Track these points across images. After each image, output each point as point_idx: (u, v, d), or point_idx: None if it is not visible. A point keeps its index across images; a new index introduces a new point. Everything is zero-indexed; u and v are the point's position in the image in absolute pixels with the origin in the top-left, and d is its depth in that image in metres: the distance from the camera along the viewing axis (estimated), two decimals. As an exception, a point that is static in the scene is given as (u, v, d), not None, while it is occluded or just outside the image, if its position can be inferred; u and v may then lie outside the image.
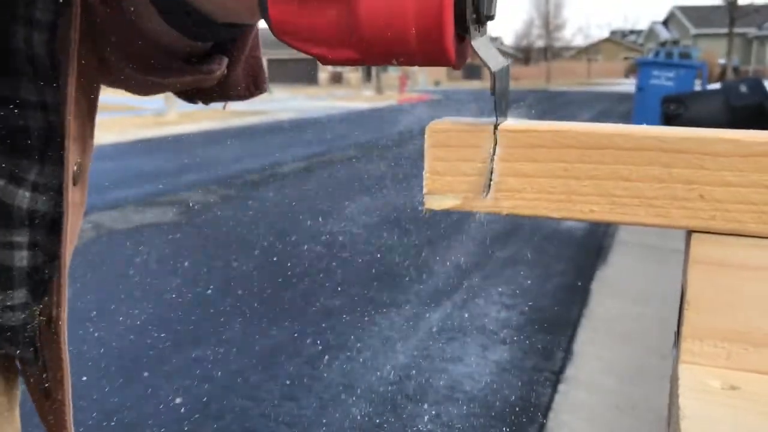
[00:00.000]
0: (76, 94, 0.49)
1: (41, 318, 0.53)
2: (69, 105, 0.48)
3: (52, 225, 0.52)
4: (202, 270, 4.11)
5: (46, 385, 0.56)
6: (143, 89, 0.58)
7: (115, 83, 0.56)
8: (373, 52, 0.40)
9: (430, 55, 0.39)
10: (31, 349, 0.55)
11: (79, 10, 0.47)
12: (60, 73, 0.48)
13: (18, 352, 0.56)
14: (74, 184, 0.52)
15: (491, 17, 0.40)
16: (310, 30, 0.40)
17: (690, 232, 0.33)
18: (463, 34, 0.39)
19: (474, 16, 0.39)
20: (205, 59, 0.56)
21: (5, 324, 0.54)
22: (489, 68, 0.39)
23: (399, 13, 0.38)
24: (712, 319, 0.33)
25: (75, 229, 0.54)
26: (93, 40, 0.50)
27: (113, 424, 2.29)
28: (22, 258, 0.51)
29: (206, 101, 0.62)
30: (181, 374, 2.66)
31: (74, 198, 0.52)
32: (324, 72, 44.18)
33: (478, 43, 0.40)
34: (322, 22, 0.40)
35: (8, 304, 0.52)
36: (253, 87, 0.62)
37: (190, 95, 0.62)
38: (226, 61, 0.57)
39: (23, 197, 0.50)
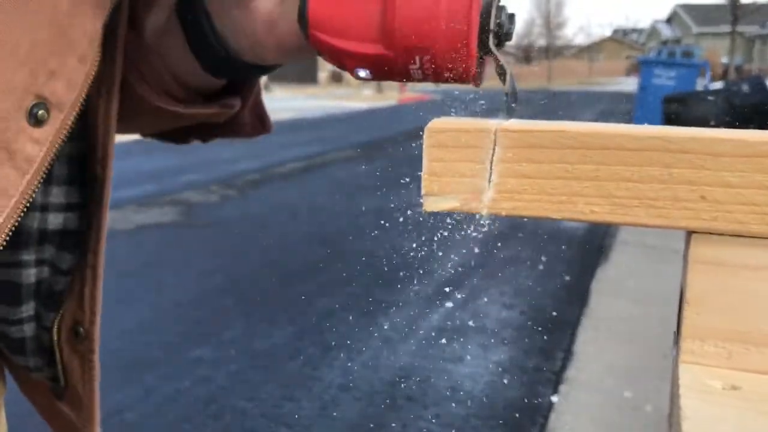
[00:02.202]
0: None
1: (62, 328, 0.53)
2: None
3: (61, 241, 0.52)
4: (201, 270, 4.11)
5: (64, 388, 0.56)
6: (156, 122, 0.58)
7: (132, 117, 0.55)
8: (401, 47, 0.41)
9: (454, 58, 0.41)
10: (39, 357, 0.55)
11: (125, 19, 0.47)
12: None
13: (24, 362, 0.56)
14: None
15: (509, 36, 0.41)
16: (344, 22, 0.41)
17: (690, 232, 0.33)
18: (484, 52, 0.41)
19: (496, 30, 0.40)
20: (217, 96, 0.56)
21: (10, 336, 0.54)
22: (506, 70, 0.41)
23: (432, 10, 0.40)
24: (713, 319, 0.33)
25: (98, 257, 0.53)
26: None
27: (113, 424, 2.29)
28: (29, 275, 0.52)
29: (206, 138, 0.62)
30: (181, 374, 2.66)
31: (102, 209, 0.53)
32: (324, 71, 44.18)
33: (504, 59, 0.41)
34: (358, 13, 0.41)
35: (13, 318, 0.53)
36: (260, 126, 0.62)
37: (188, 133, 0.61)
38: (239, 100, 0.57)
39: (32, 218, 0.51)
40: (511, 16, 0.42)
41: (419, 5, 0.40)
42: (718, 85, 10.51)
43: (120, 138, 0.54)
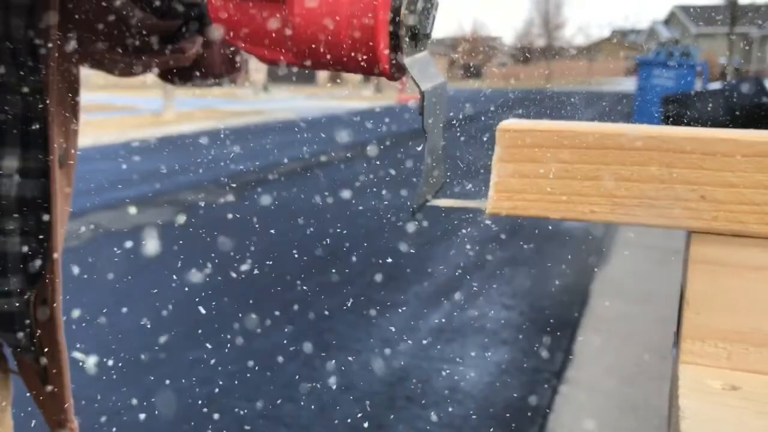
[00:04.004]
0: (56, 77, 0.49)
1: (36, 304, 0.54)
2: (50, 88, 0.48)
3: (41, 210, 0.52)
4: (200, 270, 4.10)
5: (44, 370, 0.57)
6: (123, 70, 0.60)
7: (95, 65, 0.57)
8: (307, 57, 0.41)
9: (364, 65, 0.40)
10: (25, 335, 0.55)
11: None
12: (39, 57, 0.48)
13: (13, 338, 0.56)
14: (60, 167, 0.52)
15: (428, 35, 0.41)
16: (249, 30, 0.42)
17: (690, 232, 0.33)
18: (396, 52, 0.41)
19: (409, 33, 0.40)
20: (178, 39, 0.57)
21: (1, 309, 0.54)
22: (419, 87, 0.40)
23: (333, 21, 0.39)
24: (713, 319, 0.33)
25: (64, 213, 0.54)
26: (68, 20, 0.51)
27: (112, 424, 2.28)
28: (15, 244, 0.52)
29: (185, 81, 0.64)
30: (180, 375, 2.66)
31: (61, 182, 0.52)
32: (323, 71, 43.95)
33: (412, 61, 0.41)
34: (259, 23, 0.41)
35: (5, 289, 0.52)
36: (230, 66, 0.64)
37: (169, 76, 0.63)
38: (200, 40, 0.59)
39: (10, 185, 0.50)
40: (427, 11, 0.41)
41: (319, 15, 0.39)
42: (716, 85, 10.51)
43: (119, 138, 0.54)
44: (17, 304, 0.54)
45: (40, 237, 0.52)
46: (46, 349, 0.55)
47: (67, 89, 0.53)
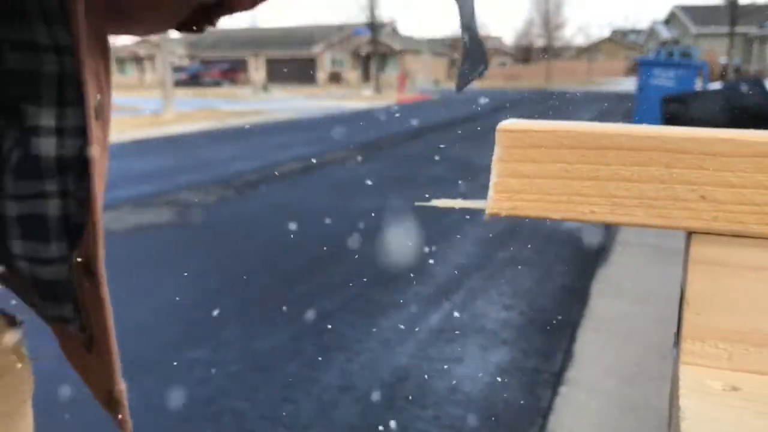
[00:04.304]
0: (87, 33, 0.48)
1: (79, 266, 0.52)
2: (81, 43, 0.48)
3: (81, 169, 0.51)
4: (199, 271, 4.10)
5: (90, 338, 0.56)
6: (150, 23, 0.58)
7: (121, 24, 0.56)
8: None
9: None
10: (71, 303, 0.54)
11: None
12: (69, 14, 0.48)
13: (57, 309, 0.55)
14: (96, 118, 0.51)
15: None
16: None
17: (690, 232, 0.33)
18: None
19: None
20: None
21: (43, 278, 0.52)
22: None
23: None
24: (713, 319, 0.33)
25: (102, 169, 0.53)
26: None
27: (112, 424, 2.28)
28: (55, 207, 0.51)
29: (214, 19, 0.62)
30: (180, 375, 2.66)
31: (98, 134, 0.51)
32: (322, 72, 44.09)
33: None
34: None
35: (44, 256, 0.51)
36: None
37: (193, 22, 0.62)
38: None
39: (49, 144, 0.49)
40: None
41: None
42: (716, 85, 10.53)
43: (119, 138, 0.54)
44: (61, 272, 0.53)
45: (81, 198, 0.51)
46: (91, 317, 0.54)
47: (98, 46, 0.52)
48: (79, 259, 0.52)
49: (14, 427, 0.60)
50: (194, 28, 0.62)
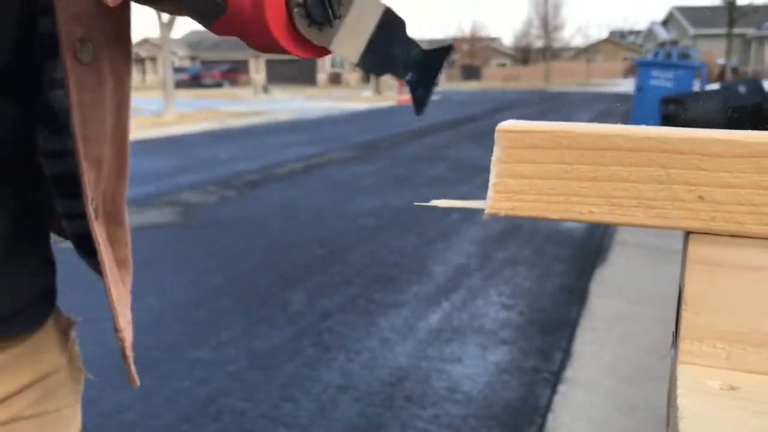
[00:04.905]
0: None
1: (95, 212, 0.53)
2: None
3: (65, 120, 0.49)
4: (199, 271, 4.10)
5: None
6: None
7: None
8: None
9: (263, 40, 0.42)
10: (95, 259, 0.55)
11: None
12: None
13: (94, 264, 0.56)
14: (80, 63, 0.48)
15: (336, 17, 0.41)
16: None
17: (688, 232, 0.33)
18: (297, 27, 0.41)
19: (311, 19, 0.40)
20: None
21: (77, 231, 0.52)
22: (351, 60, 0.41)
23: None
24: (711, 319, 0.33)
25: (95, 114, 0.51)
26: None
27: (112, 425, 2.28)
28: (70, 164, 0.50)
29: None
30: (180, 375, 2.66)
31: (88, 80, 0.49)
32: (322, 73, 44.12)
33: (339, 38, 0.41)
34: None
35: (78, 211, 0.52)
36: None
37: None
38: None
39: (62, 98, 0.48)
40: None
41: None
42: (714, 86, 10.54)
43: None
44: (86, 224, 0.53)
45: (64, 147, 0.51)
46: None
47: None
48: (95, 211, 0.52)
49: (64, 426, 0.60)
50: None
